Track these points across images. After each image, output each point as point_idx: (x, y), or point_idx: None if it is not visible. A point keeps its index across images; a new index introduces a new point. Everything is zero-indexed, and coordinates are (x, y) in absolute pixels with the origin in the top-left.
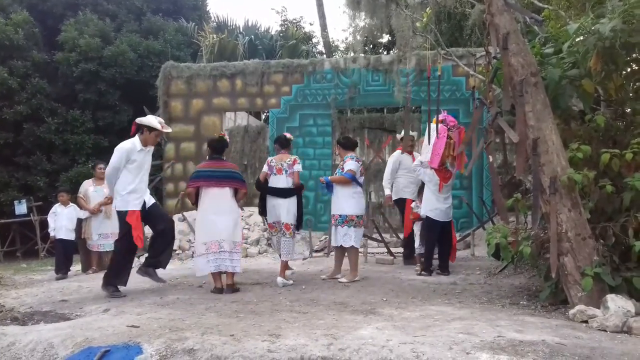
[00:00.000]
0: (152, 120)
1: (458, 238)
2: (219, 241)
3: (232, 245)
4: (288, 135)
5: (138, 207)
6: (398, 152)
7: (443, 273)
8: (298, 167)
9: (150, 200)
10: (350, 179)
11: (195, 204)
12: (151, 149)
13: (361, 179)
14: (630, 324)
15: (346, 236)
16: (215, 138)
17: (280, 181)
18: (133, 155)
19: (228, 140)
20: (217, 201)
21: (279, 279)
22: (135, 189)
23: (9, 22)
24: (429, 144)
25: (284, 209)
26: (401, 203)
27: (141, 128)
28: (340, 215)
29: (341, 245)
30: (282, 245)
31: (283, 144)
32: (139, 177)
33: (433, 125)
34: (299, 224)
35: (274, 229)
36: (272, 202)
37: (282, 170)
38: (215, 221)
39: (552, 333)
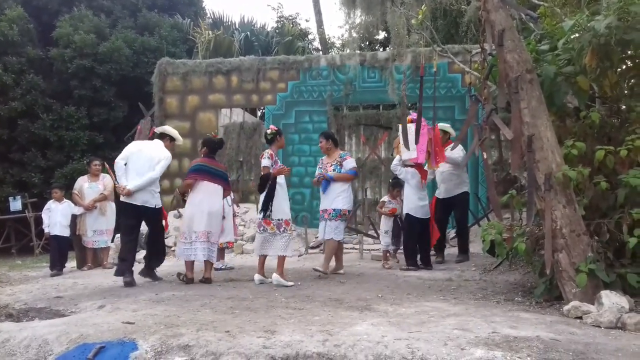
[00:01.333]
0: (174, 132)
1: (453, 235)
2: (207, 232)
3: (216, 238)
4: (269, 130)
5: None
6: None
7: (426, 267)
8: (264, 162)
9: None
10: (355, 176)
11: (183, 195)
12: None
13: None
14: (624, 320)
15: (337, 229)
16: (214, 140)
17: None
18: None
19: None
20: (211, 196)
21: (256, 276)
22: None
23: (4, 17)
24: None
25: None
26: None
27: (165, 136)
28: (334, 210)
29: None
30: (260, 241)
31: (269, 140)
32: None
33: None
34: (264, 212)
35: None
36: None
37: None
38: (207, 213)
39: (547, 329)
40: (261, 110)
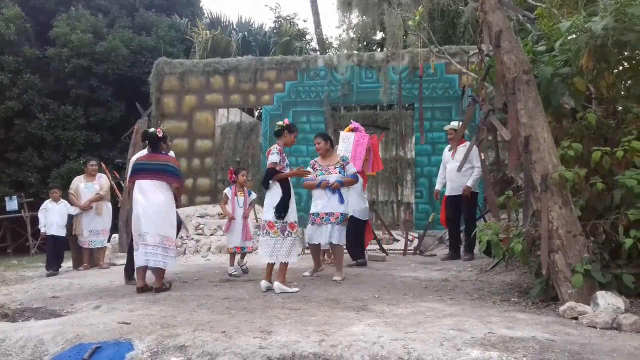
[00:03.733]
0: None
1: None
2: (143, 234)
3: (158, 239)
4: (282, 122)
5: None
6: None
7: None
8: (272, 158)
9: None
10: (357, 181)
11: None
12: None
13: None
14: (619, 320)
15: (343, 234)
16: (148, 132)
17: None
18: None
19: (160, 134)
20: (147, 194)
21: (276, 284)
22: None
23: (1, 17)
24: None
25: (267, 204)
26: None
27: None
28: (342, 214)
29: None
30: (265, 244)
31: (275, 133)
32: None
33: (344, 133)
34: (280, 214)
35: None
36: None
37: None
38: (143, 213)
39: (543, 329)
40: (258, 110)
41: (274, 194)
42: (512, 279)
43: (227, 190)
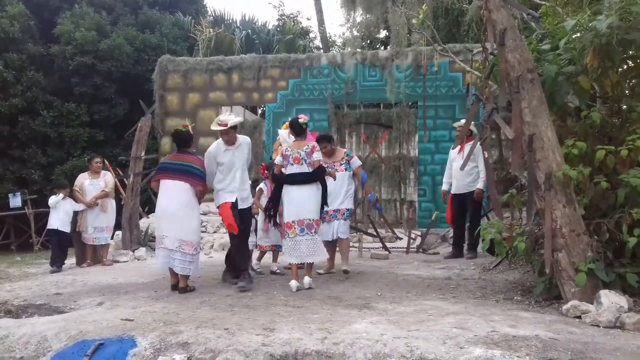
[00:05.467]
0: (215, 120)
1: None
2: (162, 237)
3: (176, 244)
4: (302, 118)
5: (228, 199)
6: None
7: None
8: (318, 156)
9: (245, 203)
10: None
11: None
12: (237, 146)
13: None
14: (623, 319)
15: (347, 228)
16: (179, 131)
17: (299, 171)
18: (219, 158)
19: (191, 131)
20: (170, 195)
21: (307, 279)
22: (225, 187)
23: (5, 14)
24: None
25: (309, 201)
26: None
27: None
28: (347, 210)
29: (336, 238)
30: (309, 245)
31: (297, 131)
32: (230, 176)
33: (282, 131)
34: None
35: (292, 228)
36: (292, 193)
37: (300, 160)
38: (163, 215)
39: (546, 328)
40: (262, 108)
41: (318, 189)
42: (515, 278)
43: (263, 186)
